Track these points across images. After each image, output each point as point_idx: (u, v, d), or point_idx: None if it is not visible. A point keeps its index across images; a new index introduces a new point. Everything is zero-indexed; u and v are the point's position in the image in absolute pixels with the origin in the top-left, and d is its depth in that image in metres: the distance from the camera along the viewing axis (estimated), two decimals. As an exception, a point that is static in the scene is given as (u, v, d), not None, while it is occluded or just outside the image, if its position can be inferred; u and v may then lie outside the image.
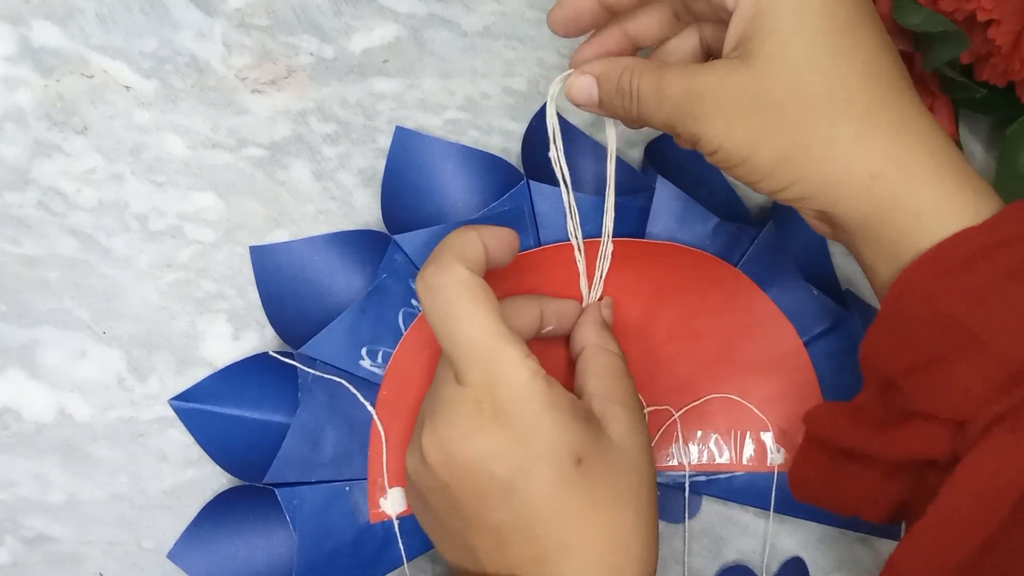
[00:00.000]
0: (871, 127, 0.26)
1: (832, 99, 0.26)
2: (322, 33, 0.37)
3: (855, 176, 0.26)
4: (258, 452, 0.33)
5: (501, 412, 0.27)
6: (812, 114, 0.26)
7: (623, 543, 0.28)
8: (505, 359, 0.27)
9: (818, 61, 0.26)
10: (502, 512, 0.27)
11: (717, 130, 0.27)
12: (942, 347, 0.25)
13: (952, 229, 0.25)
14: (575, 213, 0.35)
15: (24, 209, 0.34)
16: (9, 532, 0.33)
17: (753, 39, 0.27)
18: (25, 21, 0.35)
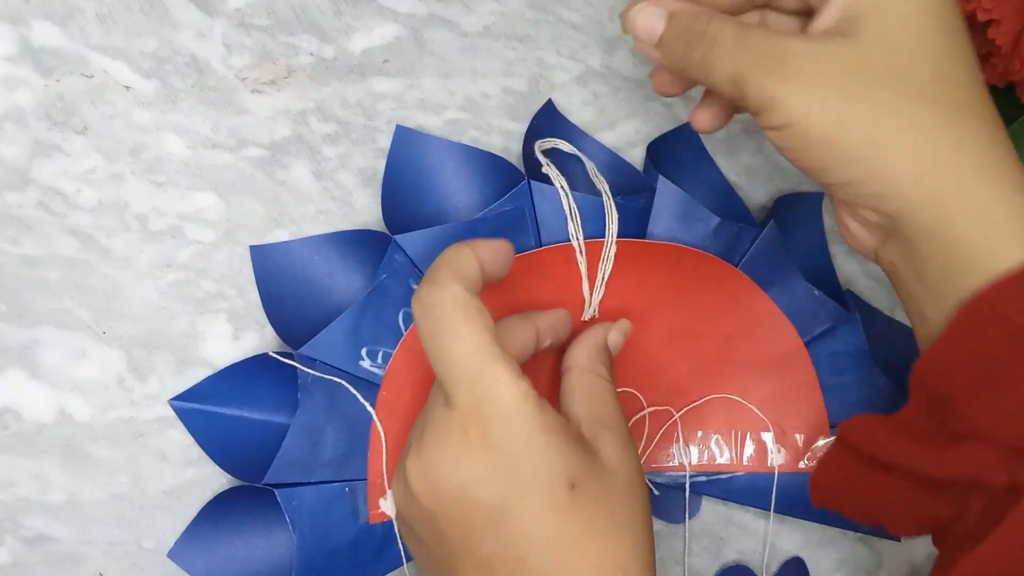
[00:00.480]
0: (968, 131, 0.25)
1: (938, 90, 0.25)
2: (322, 33, 0.37)
3: (944, 180, 0.25)
4: (258, 452, 0.33)
5: (488, 434, 0.26)
6: (916, 106, 0.25)
7: (620, 570, 0.26)
8: (494, 378, 0.26)
9: (927, 47, 0.25)
10: (491, 542, 0.26)
11: (801, 97, 0.25)
12: (1015, 369, 0.24)
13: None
14: (576, 215, 0.35)
15: (24, 209, 0.34)
16: (9, 532, 0.33)
17: (860, 17, 0.25)
18: (25, 21, 0.35)
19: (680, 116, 0.39)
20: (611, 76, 0.39)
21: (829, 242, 0.39)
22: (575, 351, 0.32)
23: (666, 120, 0.39)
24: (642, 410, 0.36)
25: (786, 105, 0.25)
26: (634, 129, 0.39)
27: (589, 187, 0.36)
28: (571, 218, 0.35)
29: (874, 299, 0.40)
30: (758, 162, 0.40)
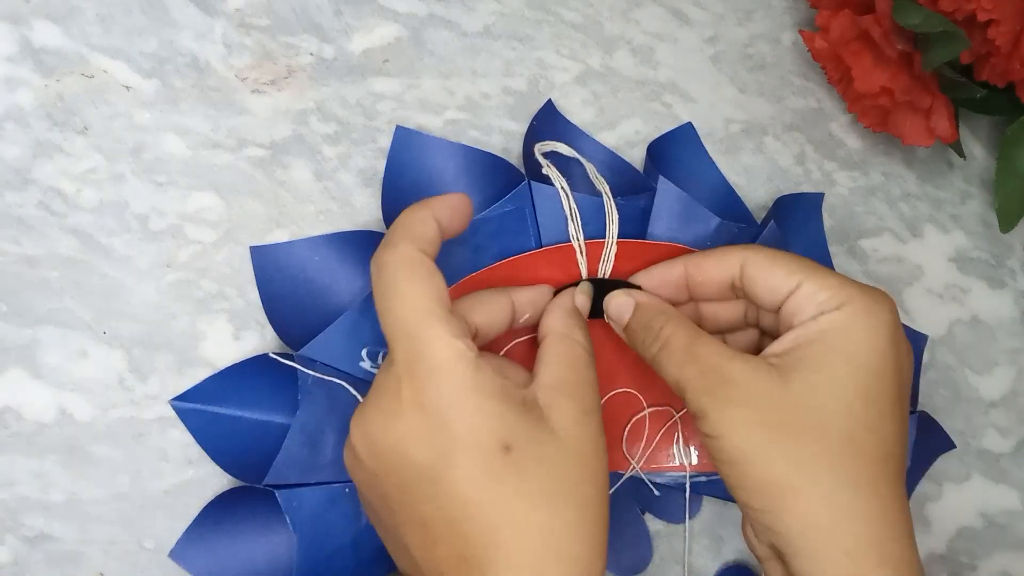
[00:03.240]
0: (861, 504, 0.27)
1: (843, 465, 0.27)
2: (322, 33, 0.37)
3: (832, 545, 0.26)
4: (258, 453, 0.33)
5: (420, 392, 0.26)
6: (820, 464, 0.27)
7: (559, 541, 0.26)
8: (429, 336, 0.26)
9: (848, 422, 0.27)
10: (427, 503, 0.26)
11: (729, 421, 0.27)
12: None
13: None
14: (576, 216, 0.35)
15: (24, 209, 0.34)
16: (9, 531, 0.33)
17: (800, 362, 0.28)
18: (25, 21, 0.35)
19: (680, 116, 0.39)
20: (611, 76, 0.39)
21: (829, 242, 0.39)
22: (549, 318, 0.32)
23: (666, 120, 0.39)
24: (642, 410, 0.36)
25: (715, 421, 0.28)
26: (634, 129, 0.39)
27: (589, 188, 0.36)
28: (571, 219, 0.35)
29: (874, 299, 0.40)
30: (758, 162, 0.40)
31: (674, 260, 0.33)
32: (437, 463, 0.25)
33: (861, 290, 0.29)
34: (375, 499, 0.28)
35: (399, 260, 0.27)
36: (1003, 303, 0.41)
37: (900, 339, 0.29)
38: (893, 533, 0.27)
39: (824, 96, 0.41)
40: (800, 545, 0.27)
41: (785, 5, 0.41)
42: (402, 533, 0.27)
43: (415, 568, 0.27)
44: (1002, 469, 0.40)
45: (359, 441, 0.27)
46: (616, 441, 0.36)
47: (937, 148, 0.41)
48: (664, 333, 0.30)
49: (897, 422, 0.28)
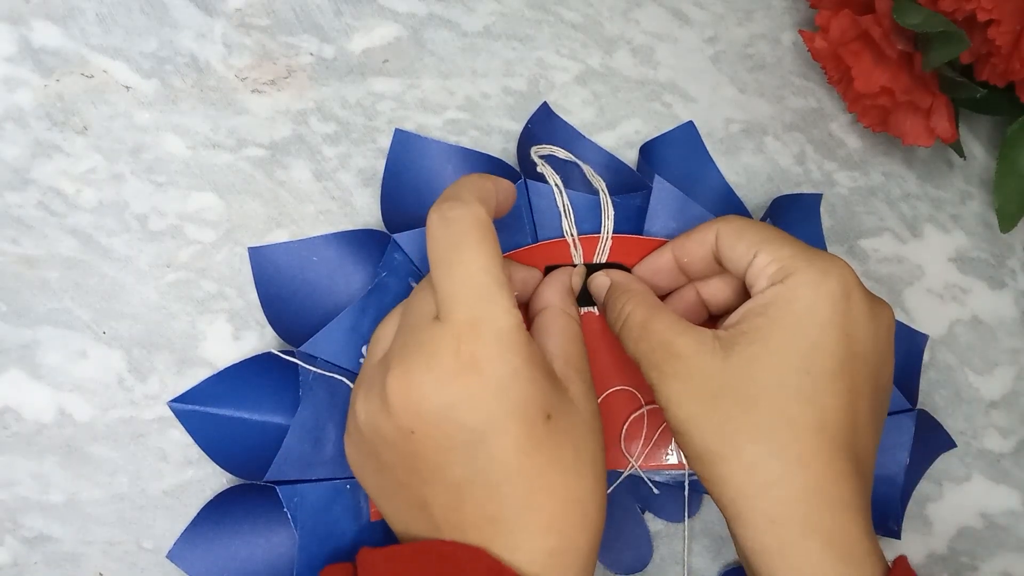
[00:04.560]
0: (794, 471, 0.27)
1: (771, 436, 0.27)
2: (322, 33, 0.37)
3: (758, 514, 0.27)
4: (258, 453, 0.33)
5: (480, 357, 0.25)
6: (747, 435, 0.28)
7: (581, 506, 0.27)
8: (497, 301, 0.26)
9: (781, 393, 0.27)
10: (464, 466, 0.26)
11: (673, 394, 0.29)
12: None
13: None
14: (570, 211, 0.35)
15: (24, 209, 0.34)
16: (9, 532, 0.33)
17: (745, 333, 0.28)
18: (25, 21, 0.35)
19: (680, 116, 0.39)
20: (611, 76, 0.39)
21: (828, 243, 0.39)
22: (548, 292, 0.33)
23: (666, 120, 0.39)
24: (640, 408, 0.36)
25: (662, 395, 0.29)
26: (634, 129, 0.39)
27: (586, 187, 0.36)
28: (564, 215, 0.36)
29: (874, 299, 0.40)
30: (758, 162, 0.40)
31: (662, 247, 0.34)
32: (487, 428, 0.26)
33: (809, 261, 0.29)
34: (397, 458, 0.27)
35: (473, 218, 0.27)
36: (1003, 303, 0.41)
37: (851, 309, 0.28)
38: (824, 504, 0.27)
39: (824, 96, 0.41)
40: (732, 512, 0.28)
41: (785, 5, 0.41)
42: (426, 492, 0.27)
43: (431, 528, 0.27)
44: (1003, 469, 0.40)
45: (399, 398, 0.26)
46: (615, 439, 0.36)
47: (937, 148, 0.41)
48: (625, 310, 0.31)
49: (840, 395, 0.28)
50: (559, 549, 0.26)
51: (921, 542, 0.39)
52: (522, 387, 0.26)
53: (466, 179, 0.29)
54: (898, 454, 0.36)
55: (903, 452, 0.36)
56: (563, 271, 0.34)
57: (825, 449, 0.27)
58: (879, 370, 0.29)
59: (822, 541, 0.27)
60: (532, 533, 0.26)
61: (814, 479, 0.27)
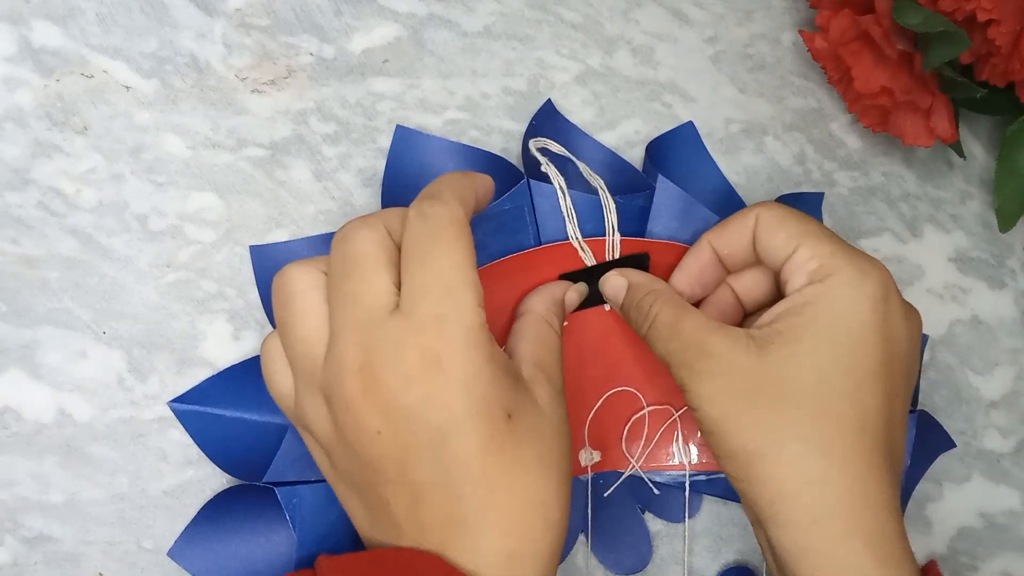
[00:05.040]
0: (839, 468, 0.27)
1: (814, 434, 0.27)
2: (322, 33, 0.37)
3: (800, 513, 0.27)
4: (258, 454, 0.33)
5: (445, 354, 0.25)
6: (789, 432, 0.27)
7: (543, 508, 0.27)
8: (465, 298, 0.26)
9: (822, 392, 0.27)
10: (427, 466, 0.25)
11: (706, 393, 0.29)
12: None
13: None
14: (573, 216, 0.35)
15: (24, 209, 0.34)
16: (9, 532, 0.33)
17: (782, 332, 0.28)
18: (25, 21, 0.35)
19: (680, 116, 0.39)
20: (611, 76, 0.39)
21: (829, 242, 0.39)
22: (533, 299, 0.33)
23: (666, 120, 0.39)
24: (642, 409, 0.36)
25: (694, 394, 0.29)
26: (634, 129, 0.39)
27: (586, 186, 0.36)
28: (568, 218, 0.35)
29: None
30: (758, 162, 0.40)
31: (699, 243, 0.33)
32: (449, 427, 0.25)
33: (850, 260, 0.29)
34: (357, 459, 0.26)
35: (450, 216, 0.27)
36: (1003, 303, 0.41)
37: (890, 311, 0.28)
38: (865, 504, 0.27)
39: (824, 96, 0.41)
40: (770, 513, 0.28)
41: (785, 5, 0.41)
42: (387, 493, 0.26)
43: (391, 527, 0.27)
44: (1003, 469, 0.40)
45: (364, 397, 0.25)
46: (616, 439, 0.36)
47: (937, 148, 0.41)
48: (652, 311, 0.31)
49: (879, 396, 0.28)
50: (519, 551, 0.26)
51: (921, 542, 0.39)
52: (483, 386, 0.26)
53: (446, 177, 0.29)
54: (898, 454, 0.36)
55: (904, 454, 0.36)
56: (558, 284, 0.34)
57: (866, 448, 0.27)
58: (912, 370, 0.30)
59: (864, 542, 0.27)
60: (492, 535, 0.26)
61: (858, 478, 0.27)
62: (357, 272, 0.26)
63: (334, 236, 0.28)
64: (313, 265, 0.28)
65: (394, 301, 0.26)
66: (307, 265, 0.28)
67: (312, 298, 0.27)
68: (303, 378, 0.27)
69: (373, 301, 0.26)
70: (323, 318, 0.27)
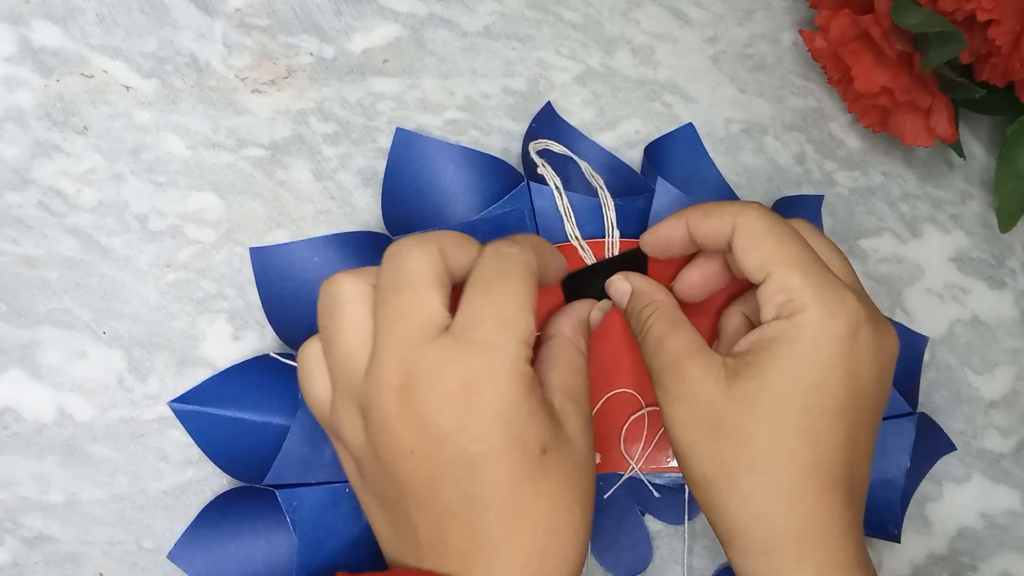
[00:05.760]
0: (788, 504, 0.27)
1: (766, 469, 0.28)
2: (322, 33, 0.37)
3: (751, 543, 0.28)
4: (258, 455, 0.33)
5: (487, 383, 0.25)
6: (742, 467, 0.28)
7: (565, 542, 0.27)
8: (517, 333, 0.26)
9: (777, 429, 0.28)
10: (455, 490, 0.26)
11: (676, 417, 0.29)
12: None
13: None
14: (571, 214, 0.35)
15: (24, 209, 0.34)
16: (9, 532, 0.33)
17: (749, 364, 0.28)
18: (25, 21, 0.35)
19: (680, 116, 0.39)
20: (611, 76, 0.39)
21: (829, 242, 0.39)
22: (561, 320, 0.33)
23: (666, 120, 0.39)
24: (641, 410, 0.36)
25: (665, 415, 0.30)
26: (634, 129, 0.39)
27: (586, 188, 0.36)
28: (566, 217, 0.35)
29: (874, 300, 0.40)
30: (758, 162, 0.40)
31: (678, 216, 0.32)
32: (482, 455, 0.25)
33: (819, 296, 0.28)
34: (388, 476, 0.26)
35: (525, 259, 0.28)
36: (1003, 303, 0.41)
37: (857, 348, 0.28)
38: (816, 537, 0.27)
39: (824, 96, 0.41)
40: (727, 539, 0.29)
41: (785, 5, 0.41)
42: (413, 513, 0.26)
43: (414, 546, 0.27)
44: (1003, 469, 0.40)
45: (402, 416, 0.25)
46: (615, 441, 0.36)
47: (937, 148, 0.41)
48: (648, 323, 0.32)
49: (839, 432, 0.28)
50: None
51: (921, 542, 0.39)
52: (522, 419, 0.26)
53: (531, 236, 0.30)
54: (899, 458, 0.36)
55: (904, 456, 0.36)
56: (585, 303, 0.34)
57: (820, 484, 0.28)
58: (879, 400, 0.30)
59: (813, 572, 0.27)
60: (510, 564, 0.26)
61: (808, 513, 0.27)
62: (408, 289, 0.26)
63: (386, 250, 0.28)
64: (363, 277, 0.28)
65: (443, 323, 0.26)
66: (357, 276, 0.28)
67: (359, 311, 0.27)
68: (341, 389, 0.27)
69: (421, 320, 0.26)
70: (368, 332, 0.27)
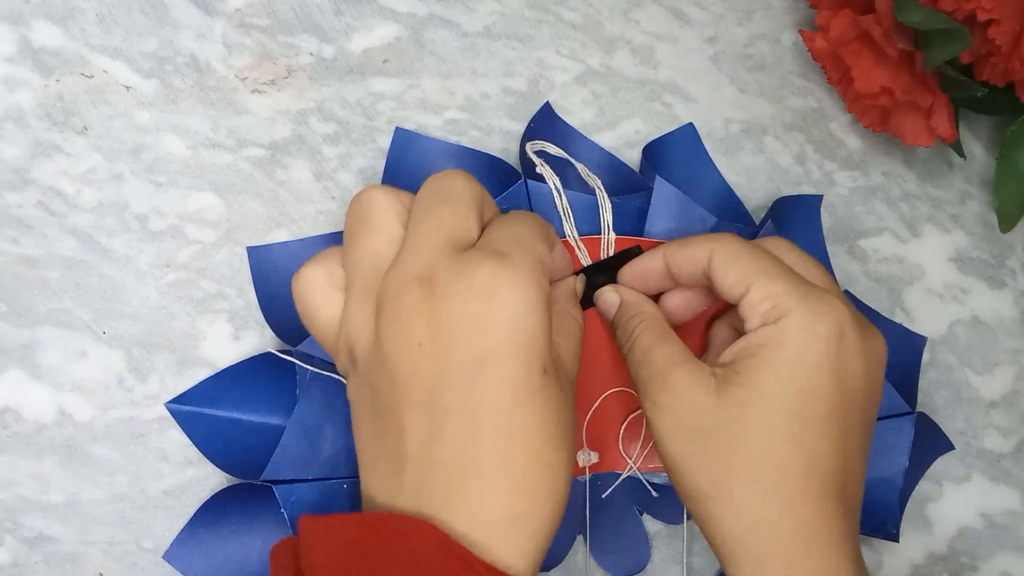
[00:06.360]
0: (781, 514, 0.27)
1: (759, 479, 0.28)
2: (322, 33, 0.37)
3: (746, 555, 0.28)
4: (256, 454, 0.33)
5: (507, 284, 0.25)
6: (734, 478, 0.28)
7: (553, 473, 0.26)
8: (537, 248, 0.27)
9: (768, 438, 0.28)
10: (454, 395, 0.25)
11: (664, 429, 0.29)
12: None
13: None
14: (569, 214, 0.35)
15: (24, 209, 0.34)
16: (9, 532, 0.33)
17: (737, 373, 0.28)
18: (25, 21, 0.35)
19: (680, 116, 0.39)
20: (611, 76, 0.39)
21: (828, 243, 0.39)
22: (554, 292, 0.33)
23: (666, 120, 0.39)
24: (639, 409, 0.36)
25: (653, 427, 0.30)
26: (634, 129, 0.39)
27: (584, 186, 0.36)
28: (564, 217, 0.36)
29: (874, 300, 0.40)
30: (758, 162, 0.40)
31: (655, 250, 0.33)
32: (492, 358, 0.25)
33: (803, 301, 0.28)
34: (387, 373, 0.26)
35: (540, 222, 0.29)
36: (1003, 303, 0.41)
37: (844, 351, 0.28)
38: (812, 546, 0.27)
39: (824, 96, 0.41)
40: (723, 552, 0.28)
41: (785, 5, 0.41)
42: (407, 417, 0.26)
43: (396, 464, 0.26)
44: (1003, 469, 0.40)
45: (417, 305, 0.25)
46: (613, 441, 0.36)
47: (937, 148, 0.41)
48: (634, 334, 0.32)
49: (831, 438, 0.28)
50: (523, 514, 0.25)
51: (921, 542, 0.39)
52: (533, 328, 0.26)
53: (543, 224, 0.30)
54: (897, 458, 0.36)
55: (902, 456, 0.36)
56: (570, 278, 0.34)
57: (814, 492, 0.27)
58: (869, 402, 0.29)
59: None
60: (500, 489, 0.25)
61: (802, 521, 0.27)
62: (451, 205, 0.27)
63: (429, 176, 0.29)
64: (396, 194, 0.28)
65: (473, 241, 0.27)
66: (391, 190, 0.28)
67: (391, 218, 0.28)
68: (359, 288, 0.27)
69: (457, 232, 0.27)
70: (396, 238, 0.27)
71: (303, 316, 0.29)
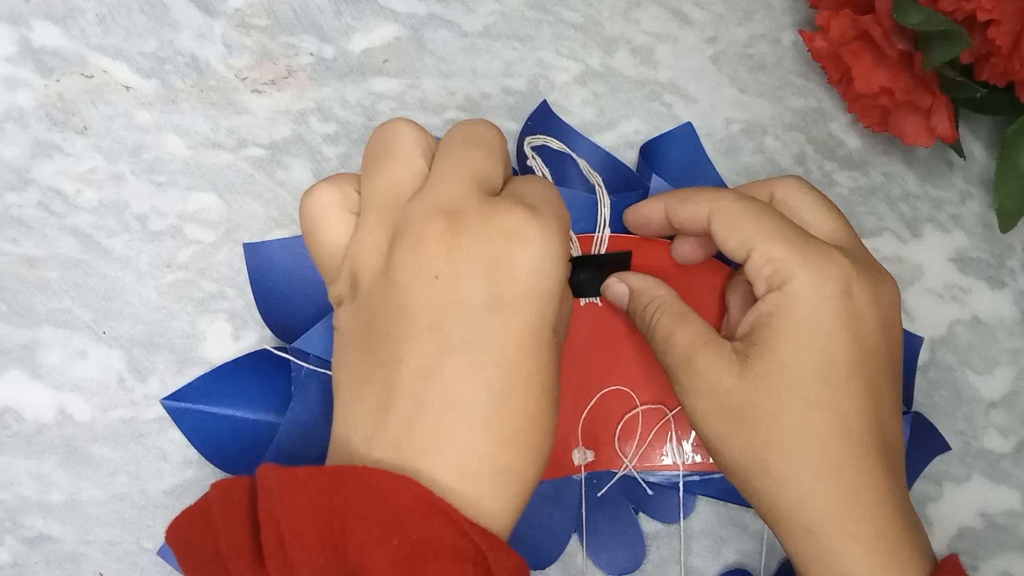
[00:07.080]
0: (826, 481, 0.27)
1: (797, 450, 0.27)
2: (322, 33, 0.37)
3: (796, 525, 0.28)
4: (251, 452, 0.33)
5: (531, 232, 0.25)
6: (773, 451, 0.28)
7: (541, 429, 0.25)
8: (563, 212, 0.27)
9: (798, 407, 0.28)
10: (464, 331, 0.24)
11: (697, 411, 0.29)
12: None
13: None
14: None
15: (24, 209, 0.34)
16: (9, 532, 0.33)
17: (755, 345, 0.28)
18: (25, 21, 0.35)
19: (680, 116, 0.39)
20: (611, 76, 0.39)
21: (829, 242, 0.39)
22: None
23: (666, 120, 0.39)
24: (635, 408, 0.36)
25: (687, 410, 0.30)
26: (634, 129, 0.39)
27: (583, 185, 0.36)
28: None
29: (874, 299, 0.40)
30: (758, 162, 0.40)
31: (657, 198, 0.33)
32: (506, 302, 0.25)
33: (805, 261, 0.28)
34: (394, 303, 0.25)
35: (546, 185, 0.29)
36: (1003, 303, 0.41)
37: (855, 304, 0.28)
38: (860, 510, 0.27)
39: (824, 96, 0.41)
40: (772, 521, 0.29)
41: (785, 5, 0.41)
42: (405, 348, 0.24)
43: (388, 389, 0.24)
44: (1003, 469, 0.40)
45: (443, 241, 0.24)
46: (609, 439, 0.36)
47: (937, 148, 0.41)
48: (653, 321, 0.32)
49: (860, 395, 0.28)
50: (509, 466, 0.24)
51: (921, 542, 0.39)
52: (553, 283, 0.25)
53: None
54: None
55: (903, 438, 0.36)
56: None
57: (854, 453, 0.27)
58: (891, 354, 0.29)
59: (863, 546, 0.27)
60: (489, 438, 0.24)
61: (849, 486, 0.27)
62: (483, 148, 0.27)
63: (458, 121, 0.29)
64: (423, 132, 0.28)
65: (497, 190, 0.27)
66: (419, 127, 0.28)
67: (416, 151, 0.27)
68: (375, 213, 0.26)
69: (484, 175, 0.27)
70: (420, 171, 0.27)
71: (307, 235, 0.28)
